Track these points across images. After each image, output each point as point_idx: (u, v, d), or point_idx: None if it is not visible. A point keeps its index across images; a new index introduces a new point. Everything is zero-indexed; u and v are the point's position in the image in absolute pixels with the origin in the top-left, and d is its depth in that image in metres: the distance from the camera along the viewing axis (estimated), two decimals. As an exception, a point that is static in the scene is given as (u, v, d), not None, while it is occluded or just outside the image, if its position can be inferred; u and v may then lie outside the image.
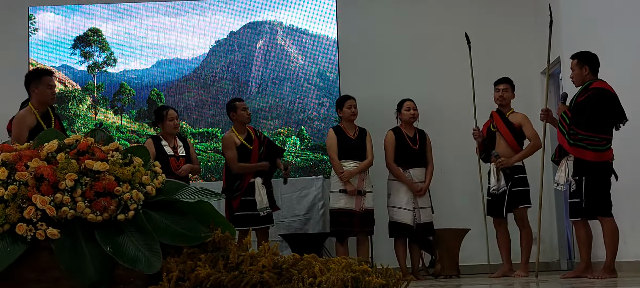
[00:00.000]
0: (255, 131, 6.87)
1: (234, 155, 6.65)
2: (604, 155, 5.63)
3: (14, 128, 5.59)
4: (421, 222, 6.81)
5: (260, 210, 6.52)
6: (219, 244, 2.78)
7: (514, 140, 6.62)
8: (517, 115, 6.72)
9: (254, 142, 6.71)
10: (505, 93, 6.72)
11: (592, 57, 5.83)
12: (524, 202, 6.53)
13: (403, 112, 7.00)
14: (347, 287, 2.51)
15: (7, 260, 2.56)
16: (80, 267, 2.58)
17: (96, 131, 3.39)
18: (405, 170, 6.86)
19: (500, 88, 6.74)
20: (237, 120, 6.76)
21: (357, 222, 6.70)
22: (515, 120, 6.68)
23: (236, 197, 6.56)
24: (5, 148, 2.90)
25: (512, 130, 6.65)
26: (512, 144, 6.62)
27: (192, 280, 2.57)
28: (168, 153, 6.35)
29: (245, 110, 6.77)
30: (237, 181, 6.62)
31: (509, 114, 6.73)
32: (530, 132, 6.63)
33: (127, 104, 8.16)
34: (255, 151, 6.69)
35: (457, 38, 7.47)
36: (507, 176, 6.51)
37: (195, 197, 2.93)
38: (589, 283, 5.15)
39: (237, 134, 6.72)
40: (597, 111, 5.62)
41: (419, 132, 7.01)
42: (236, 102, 6.82)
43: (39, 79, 5.64)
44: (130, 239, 2.69)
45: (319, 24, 8.25)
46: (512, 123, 6.67)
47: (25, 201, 2.68)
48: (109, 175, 2.80)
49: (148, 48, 8.27)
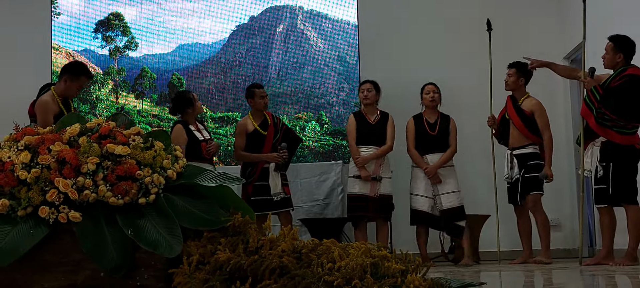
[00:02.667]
0: (273, 117, 6.88)
1: (240, 142, 6.70)
2: (631, 139, 5.60)
3: (40, 113, 5.63)
4: (444, 208, 6.76)
5: (274, 194, 6.54)
6: (239, 228, 2.79)
7: (524, 128, 6.49)
8: (530, 102, 6.57)
9: (269, 128, 6.72)
10: (510, 78, 6.58)
11: (630, 43, 5.75)
12: (535, 189, 6.44)
13: (424, 96, 6.98)
14: (366, 272, 2.51)
15: (30, 242, 2.58)
16: (102, 250, 2.60)
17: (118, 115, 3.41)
18: (424, 156, 6.84)
19: (506, 73, 6.64)
20: (253, 106, 6.78)
21: (371, 207, 6.71)
22: (527, 107, 6.54)
23: (250, 182, 6.59)
24: (28, 132, 2.93)
25: (523, 118, 6.52)
26: (523, 132, 6.50)
27: (212, 264, 2.58)
28: (199, 138, 6.34)
29: (263, 99, 6.78)
30: (250, 167, 6.65)
31: (523, 100, 6.58)
32: (541, 122, 6.50)
33: (148, 88, 8.19)
34: (270, 137, 6.70)
35: (477, 22, 7.41)
36: (520, 163, 6.44)
37: (216, 182, 2.93)
38: (610, 270, 5.12)
39: (252, 120, 6.74)
40: (630, 98, 5.58)
41: (442, 117, 6.96)
42: (255, 89, 6.83)
43: (77, 77, 5.83)
44: (151, 223, 2.71)
45: (339, 8, 8.23)
46: (524, 110, 6.54)
47: (47, 184, 2.70)
48: (130, 159, 2.82)
49: (169, 32, 8.29)
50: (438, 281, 2.58)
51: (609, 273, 4.77)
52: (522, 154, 6.48)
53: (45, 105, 5.65)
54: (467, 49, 8.06)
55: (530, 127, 6.51)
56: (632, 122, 5.61)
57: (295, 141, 7.02)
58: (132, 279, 2.63)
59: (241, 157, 6.75)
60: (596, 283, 4.18)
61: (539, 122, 6.49)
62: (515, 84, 6.59)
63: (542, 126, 6.49)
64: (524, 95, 6.62)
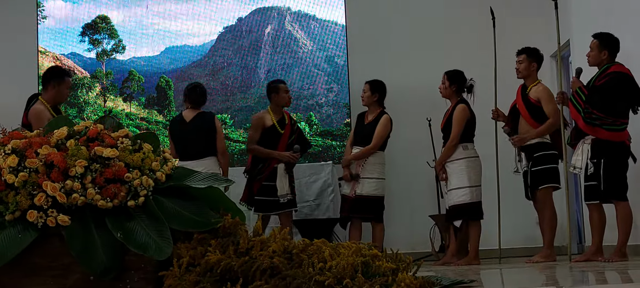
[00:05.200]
0: (291, 117, 6.87)
1: (255, 136, 6.67)
2: (620, 135, 5.62)
3: (36, 121, 5.59)
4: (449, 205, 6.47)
5: (281, 196, 6.52)
6: (229, 230, 2.79)
7: (529, 117, 6.17)
8: (536, 89, 6.21)
9: (286, 127, 6.71)
10: (521, 65, 6.27)
11: (614, 41, 5.76)
12: (543, 182, 6.10)
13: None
14: (357, 271, 2.51)
15: (18, 247, 2.57)
16: (91, 253, 2.59)
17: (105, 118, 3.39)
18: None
19: (516, 60, 6.34)
20: (276, 102, 6.74)
21: (346, 207, 6.67)
22: (534, 95, 6.19)
23: (258, 180, 6.56)
24: (15, 135, 2.91)
25: (529, 106, 6.20)
26: (529, 121, 6.19)
27: (202, 266, 2.57)
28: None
29: (287, 93, 6.77)
30: (261, 164, 6.61)
31: (531, 87, 6.24)
32: (549, 108, 6.10)
33: (136, 91, 8.17)
34: (285, 137, 6.69)
35: (464, 22, 7.44)
36: (527, 155, 6.16)
37: (205, 183, 2.93)
38: (600, 266, 5.14)
39: (272, 115, 6.72)
40: (615, 95, 5.61)
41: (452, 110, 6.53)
42: (279, 84, 6.82)
43: (62, 79, 5.88)
44: (141, 225, 2.70)
45: (327, 9, 8.23)
46: (531, 98, 6.20)
47: (35, 188, 2.69)
48: (118, 162, 2.81)
49: (156, 35, 8.27)
50: (429, 279, 2.58)
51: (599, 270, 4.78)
52: (528, 146, 6.17)
53: (40, 113, 5.65)
54: (455, 48, 8.08)
55: (536, 116, 6.16)
56: (620, 119, 5.63)
57: (305, 145, 7.00)
58: (122, 282, 2.62)
59: (255, 150, 6.67)
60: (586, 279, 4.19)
61: (546, 107, 6.12)
62: (527, 70, 6.24)
63: (549, 111, 6.11)
64: (534, 82, 6.26)
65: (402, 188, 7.99)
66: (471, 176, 6.34)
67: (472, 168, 6.37)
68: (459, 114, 6.39)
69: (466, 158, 6.38)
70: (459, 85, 6.52)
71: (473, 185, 6.34)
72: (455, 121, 6.38)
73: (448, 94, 6.53)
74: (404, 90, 7.17)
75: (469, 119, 6.40)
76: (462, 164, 6.36)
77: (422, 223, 7.67)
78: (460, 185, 6.33)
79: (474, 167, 6.38)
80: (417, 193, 8.06)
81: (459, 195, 6.33)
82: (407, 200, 8.07)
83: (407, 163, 8.02)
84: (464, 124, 6.37)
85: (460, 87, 6.53)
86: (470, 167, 6.36)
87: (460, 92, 6.54)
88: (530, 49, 6.34)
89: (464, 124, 6.37)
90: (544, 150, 6.14)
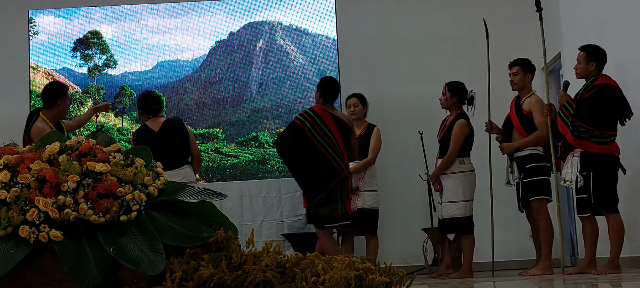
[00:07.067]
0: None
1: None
2: (609, 148, 5.62)
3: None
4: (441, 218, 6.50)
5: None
6: (222, 244, 2.78)
7: (521, 128, 6.15)
8: (529, 101, 6.19)
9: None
10: (516, 77, 6.27)
11: (601, 53, 5.79)
12: (534, 194, 6.07)
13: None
14: (350, 285, 2.51)
15: (11, 262, 2.55)
16: (84, 269, 2.58)
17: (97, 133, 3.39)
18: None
19: (510, 73, 6.34)
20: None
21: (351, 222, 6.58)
22: (527, 107, 6.16)
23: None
24: (7, 150, 2.90)
25: (521, 117, 6.18)
26: (521, 133, 6.17)
27: (195, 280, 2.57)
28: None
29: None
30: None
31: (525, 98, 6.23)
32: (538, 120, 6.08)
33: (128, 105, 8.15)
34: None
35: (456, 36, 7.46)
36: (519, 167, 6.13)
37: (198, 197, 2.92)
38: (593, 279, 5.15)
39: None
40: (602, 107, 5.61)
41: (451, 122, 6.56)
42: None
43: (65, 93, 5.91)
44: (133, 240, 2.69)
45: (319, 23, 8.25)
46: (523, 109, 6.19)
47: (27, 203, 2.68)
48: (111, 177, 2.80)
49: (148, 50, 8.27)
50: (422, 292, 2.58)
51: (592, 282, 4.79)
52: (520, 157, 6.17)
53: (43, 130, 5.62)
54: (445, 62, 8.10)
55: (528, 127, 6.14)
56: (608, 131, 5.64)
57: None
58: (114, 297, 2.61)
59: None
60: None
61: (535, 119, 6.09)
62: (523, 82, 6.26)
63: (538, 123, 6.08)
64: (528, 93, 6.25)
65: (394, 202, 7.98)
66: (466, 190, 6.36)
67: (467, 183, 6.38)
68: (459, 130, 6.39)
69: (462, 172, 6.39)
70: (460, 96, 6.54)
71: (467, 200, 6.36)
72: (455, 136, 6.38)
73: (449, 105, 6.56)
74: (396, 103, 7.18)
75: (467, 135, 6.42)
76: (457, 178, 6.37)
77: (414, 237, 7.66)
78: (454, 198, 6.34)
79: (469, 182, 6.40)
80: (410, 206, 8.05)
81: (452, 209, 6.34)
82: (400, 213, 8.05)
83: (399, 177, 8.02)
84: (463, 140, 6.38)
85: (461, 98, 6.55)
86: (465, 182, 6.37)
87: (461, 103, 6.55)
88: (523, 60, 6.35)
89: (463, 139, 6.38)
90: (536, 162, 6.13)
